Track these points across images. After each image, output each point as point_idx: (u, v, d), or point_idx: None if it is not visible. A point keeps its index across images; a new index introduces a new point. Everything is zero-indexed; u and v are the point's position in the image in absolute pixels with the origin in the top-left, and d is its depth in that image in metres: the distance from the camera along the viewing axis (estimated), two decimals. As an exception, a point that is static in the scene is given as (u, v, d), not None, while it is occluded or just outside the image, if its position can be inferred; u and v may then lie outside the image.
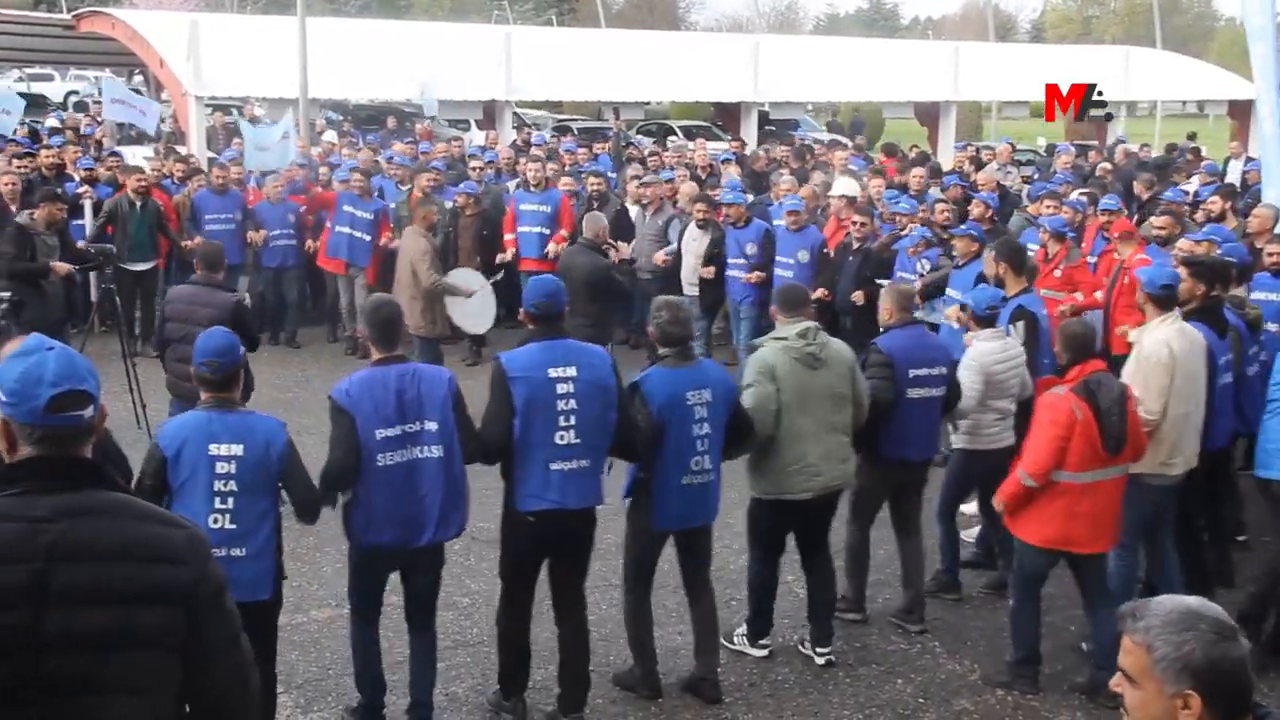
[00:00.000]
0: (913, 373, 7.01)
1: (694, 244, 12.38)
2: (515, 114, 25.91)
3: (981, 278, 9.08)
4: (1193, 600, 2.63)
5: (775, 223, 13.03)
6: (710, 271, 12.13)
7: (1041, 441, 6.21)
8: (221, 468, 5.10)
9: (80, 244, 12.14)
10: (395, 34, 26.68)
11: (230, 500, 5.11)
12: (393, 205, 13.93)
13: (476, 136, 24.93)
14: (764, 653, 6.85)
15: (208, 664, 2.73)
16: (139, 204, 13.20)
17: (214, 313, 8.15)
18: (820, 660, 6.80)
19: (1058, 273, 9.95)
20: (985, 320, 7.59)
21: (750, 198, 13.45)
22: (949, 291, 9.89)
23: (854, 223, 11.45)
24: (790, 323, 6.65)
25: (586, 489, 5.87)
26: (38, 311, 10.72)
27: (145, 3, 49.72)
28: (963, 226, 10.38)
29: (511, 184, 15.39)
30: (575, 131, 27.26)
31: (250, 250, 14.15)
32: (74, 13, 27.02)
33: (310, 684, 6.51)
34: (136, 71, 35.46)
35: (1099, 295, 9.84)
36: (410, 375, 5.65)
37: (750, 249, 11.97)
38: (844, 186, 13.30)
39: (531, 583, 6.10)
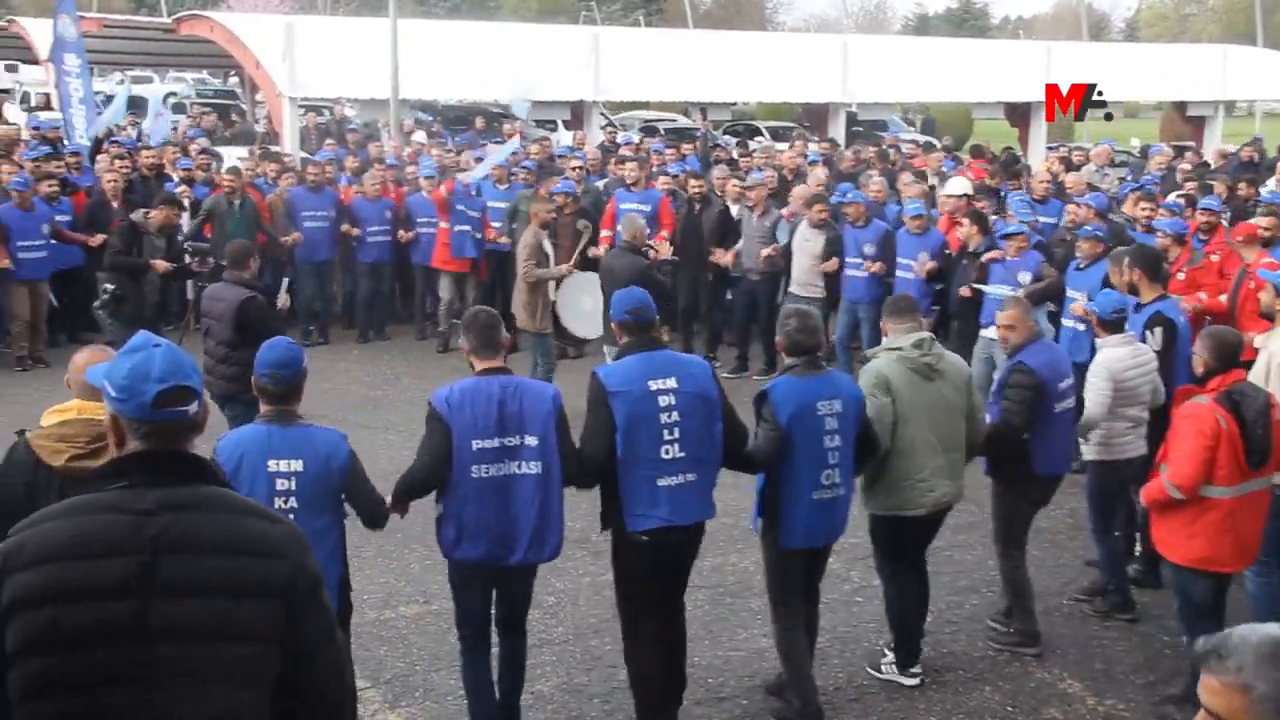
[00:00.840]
0: (1059, 387, 6.81)
1: (807, 244, 12.18)
2: (602, 114, 25.98)
3: (1106, 281, 8.93)
4: (1276, 629, 2.45)
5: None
6: (834, 264, 12.02)
7: (1188, 453, 5.95)
8: (281, 484, 4.97)
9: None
10: (484, 35, 26.87)
11: (290, 517, 4.88)
12: (503, 205, 14.14)
13: (564, 137, 25.06)
14: (915, 681, 6.57)
15: (306, 657, 2.76)
16: (237, 203, 13.48)
17: (225, 307, 8.43)
18: (910, 682, 6.59)
19: (1181, 275, 9.61)
20: (1112, 325, 7.30)
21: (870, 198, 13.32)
22: (1070, 292, 9.76)
23: (961, 224, 11.29)
24: (902, 332, 6.46)
25: (696, 504, 5.66)
26: (133, 307, 11.05)
27: (241, 6, 50.78)
28: (1087, 227, 10.23)
29: (600, 183, 15.47)
30: (663, 132, 27.28)
31: (343, 246, 14.42)
32: (174, 16, 27.60)
33: (398, 679, 6.59)
34: (232, 73, 36.22)
35: (1223, 299, 9.55)
36: (513, 388, 5.48)
37: (869, 248, 11.89)
38: (958, 185, 13.17)
39: (654, 610, 5.86)
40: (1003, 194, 14.23)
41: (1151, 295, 8.06)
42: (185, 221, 13.80)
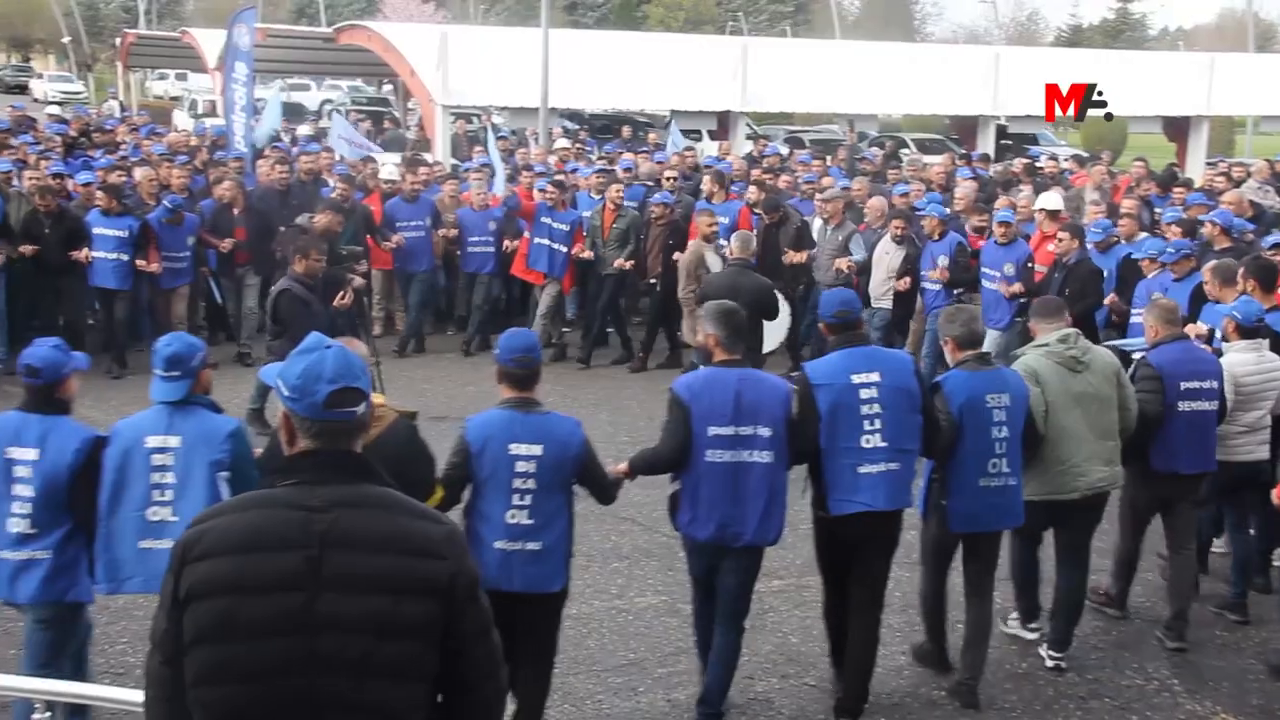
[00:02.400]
0: (1184, 385, 6.96)
1: (886, 257, 12.21)
2: (748, 125, 25.96)
3: (1197, 294, 8.96)
4: None
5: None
6: (906, 284, 12.00)
7: None
8: (521, 467, 5.29)
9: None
10: (632, 45, 27.11)
11: (528, 497, 5.31)
12: (588, 215, 14.12)
13: (709, 147, 25.11)
14: (1034, 635, 7.02)
15: (463, 655, 2.83)
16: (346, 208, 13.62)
17: (268, 300, 9.95)
18: (1050, 663, 6.80)
19: None
20: (1250, 331, 7.41)
21: (948, 211, 13.04)
22: None
23: (1058, 239, 11.04)
24: (1050, 331, 6.76)
25: (896, 491, 5.96)
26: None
27: (397, 15, 52.07)
28: (1170, 250, 9.98)
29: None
30: (809, 143, 27.14)
31: (441, 253, 14.54)
32: (334, 26, 28.45)
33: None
34: (386, 81, 37.14)
35: None
36: (750, 380, 5.85)
37: (942, 260, 11.79)
38: (1047, 200, 12.88)
39: (843, 580, 6.24)
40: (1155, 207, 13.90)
41: (1264, 306, 7.96)
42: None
